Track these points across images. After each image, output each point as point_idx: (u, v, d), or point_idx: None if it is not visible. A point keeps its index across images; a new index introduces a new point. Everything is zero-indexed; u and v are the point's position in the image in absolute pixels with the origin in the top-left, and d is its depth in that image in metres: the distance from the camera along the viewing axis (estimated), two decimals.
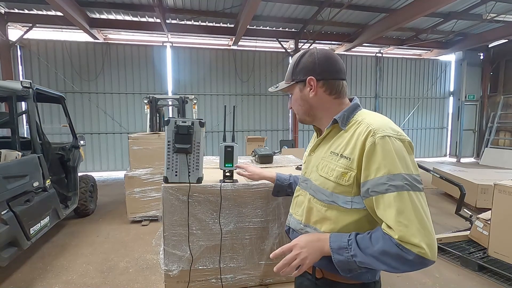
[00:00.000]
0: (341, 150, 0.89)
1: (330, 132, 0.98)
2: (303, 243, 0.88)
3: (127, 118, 8.62)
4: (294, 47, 9.24)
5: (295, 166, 1.94)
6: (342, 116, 0.94)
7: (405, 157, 0.80)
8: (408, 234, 0.73)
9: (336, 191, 0.89)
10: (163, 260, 1.44)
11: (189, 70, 8.94)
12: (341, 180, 0.87)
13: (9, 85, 3.14)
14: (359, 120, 0.91)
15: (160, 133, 4.65)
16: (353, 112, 0.95)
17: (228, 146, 1.45)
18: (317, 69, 0.95)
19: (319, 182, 0.95)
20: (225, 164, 1.47)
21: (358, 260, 0.80)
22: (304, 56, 0.99)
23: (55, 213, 3.52)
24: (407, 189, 0.76)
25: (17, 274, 3.00)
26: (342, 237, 0.85)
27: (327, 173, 0.92)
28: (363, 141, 0.83)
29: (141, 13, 7.39)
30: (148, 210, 4.30)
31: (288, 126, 10.07)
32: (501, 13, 7.44)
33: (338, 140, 0.93)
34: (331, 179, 0.90)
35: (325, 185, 0.92)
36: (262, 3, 6.87)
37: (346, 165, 0.86)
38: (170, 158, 1.40)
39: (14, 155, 2.98)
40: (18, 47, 7.76)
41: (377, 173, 0.79)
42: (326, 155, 0.95)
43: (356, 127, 0.89)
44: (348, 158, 0.86)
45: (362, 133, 0.85)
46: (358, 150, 0.83)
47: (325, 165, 0.93)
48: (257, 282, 1.55)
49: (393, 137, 0.81)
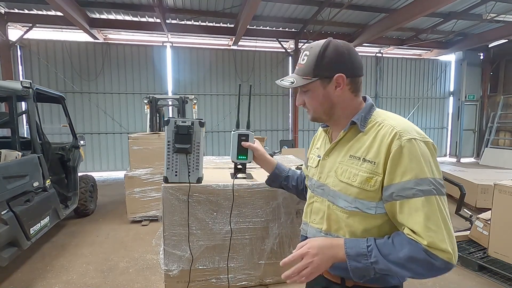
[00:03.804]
0: (363, 153, 0.85)
1: (346, 135, 0.93)
2: (315, 250, 0.83)
3: (127, 118, 8.62)
4: (294, 47, 9.24)
5: (294, 166, 1.94)
6: (360, 118, 0.89)
7: (430, 160, 0.78)
8: (437, 240, 0.72)
9: (360, 196, 0.84)
10: (163, 260, 1.44)
11: (189, 70, 8.94)
12: (366, 185, 0.83)
13: (9, 85, 3.14)
14: (378, 121, 0.87)
15: (160, 133, 4.65)
16: (369, 112, 0.91)
17: (242, 134, 1.24)
18: (347, 65, 0.89)
19: (340, 187, 0.90)
20: (238, 156, 1.26)
21: (380, 267, 0.77)
22: (328, 49, 0.89)
23: (55, 213, 3.52)
24: (434, 194, 0.75)
25: (17, 274, 3.00)
26: (359, 243, 0.81)
27: (349, 179, 0.87)
28: (388, 144, 0.80)
29: (141, 13, 7.39)
30: (148, 210, 4.30)
31: (288, 126, 10.07)
32: (501, 13, 7.44)
33: (357, 143, 0.88)
34: (354, 184, 0.85)
35: (347, 191, 0.87)
36: (262, 3, 6.87)
37: (371, 170, 0.82)
38: (170, 158, 1.40)
39: (14, 155, 2.98)
40: (18, 47, 7.76)
41: (403, 177, 0.76)
42: (345, 159, 0.90)
43: (377, 129, 0.85)
44: (373, 162, 0.82)
45: (386, 135, 0.81)
46: (384, 154, 0.80)
47: (346, 170, 0.88)
48: (257, 282, 1.55)
49: (418, 139, 0.79)
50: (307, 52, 0.92)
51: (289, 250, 1.52)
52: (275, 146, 9.52)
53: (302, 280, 0.84)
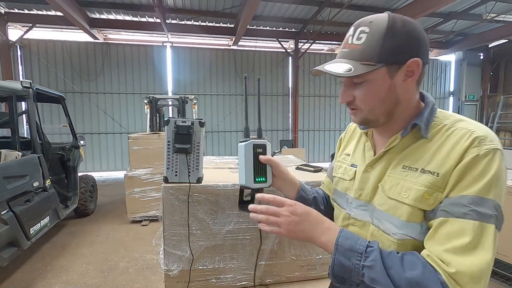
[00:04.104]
0: (423, 163, 0.65)
1: (401, 141, 0.72)
2: (299, 212, 0.71)
3: (127, 118, 8.63)
4: (294, 47, 9.25)
5: (295, 166, 1.94)
6: (423, 120, 0.69)
7: (503, 181, 0.60)
8: (466, 278, 0.55)
9: (412, 219, 0.65)
10: (163, 260, 1.44)
11: (189, 70, 8.94)
12: (423, 203, 0.63)
13: (9, 85, 3.15)
14: (446, 124, 0.68)
15: (160, 133, 4.65)
16: (432, 113, 0.71)
17: (258, 145, 0.85)
18: (421, 46, 0.67)
19: (387, 207, 0.70)
20: (256, 179, 0.86)
21: (371, 276, 0.62)
22: (397, 25, 0.66)
23: (55, 213, 3.52)
24: (494, 223, 0.57)
25: (17, 274, 3.00)
26: (357, 238, 0.67)
27: (399, 194, 0.67)
28: (463, 151, 0.61)
29: (141, 13, 7.39)
30: (148, 210, 4.30)
31: (288, 126, 10.07)
32: (501, 13, 7.44)
33: (416, 151, 0.68)
34: (406, 201, 0.65)
35: (396, 211, 0.67)
36: (262, 3, 6.87)
37: (431, 183, 0.62)
38: (170, 158, 1.40)
39: (14, 155, 2.98)
40: (18, 47, 7.76)
41: (462, 190, 0.59)
42: (396, 171, 0.70)
43: (445, 133, 0.66)
44: (435, 173, 0.63)
45: (462, 141, 0.62)
46: (453, 162, 0.61)
47: (396, 184, 0.68)
48: (257, 282, 1.55)
49: (500, 151, 0.61)
50: (365, 28, 0.67)
51: (289, 250, 1.52)
52: (275, 146, 9.53)
53: (263, 228, 0.76)
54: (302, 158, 3.86)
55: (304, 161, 2.21)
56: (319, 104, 10.19)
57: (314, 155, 10.41)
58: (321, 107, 10.22)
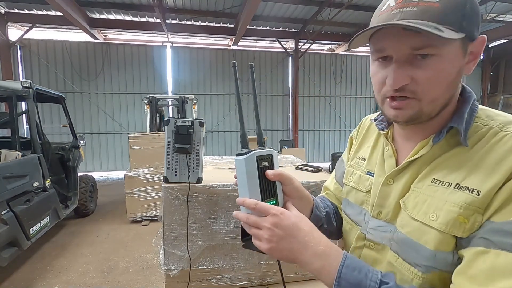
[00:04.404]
0: (459, 177, 0.50)
1: (432, 148, 0.56)
2: (285, 224, 0.54)
3: (127, 118, 8.63)
4: (294, 47, 9.25)
5: (295, 166, 1.94)
6: (463, 122, 0.53)
7: None
8: None
9: (442, 247, 0.50)
10: (163, 260, 1.44)
11: (189, 70, 8.94)
12: (456, 228, 0.48)
13: (9, 85, 3.15)
14: (493, 127, 0.52)
15: (160, 133, 4.65)
16: (473, 112, 0.55)
17: (262, 157, 0.62)
18: (479, 23, 0.52)
19: (410, 229, 0.55)
20: (271, 200, 0.62)
21: None
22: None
23: (55, 213, 3.52)
24: None
25: (17, 274, 3.00)
26: (367, 271, 0.51)
27: (425, 214, 0.52)
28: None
29: (141, 13, 7.39)
30: (148, 210, 4.30)
31: (288, 126, 10.07)
32: (501, 13, 7.44)
33: (450, 161, 0.53)
34: (434, 225, 0.50)
35: (421, 236, 0.52)
36: (262, 3, 6.87)
37: (470, 203, 0.48)
38: (170, 158, 1.40)
39: (14, 155, 2.98)
40: (18, 47, 7.76)
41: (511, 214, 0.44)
42: (423, 184, 0.55)
43: (492, 139, 0.51)
44: (475, 191, 0.48)
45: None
46: (500, 177, 0.46)
47: (423, 201, 0.54)
48: (257, 282, 1.55)
49: None
50: None
51: None
52: (275, 146, 9.53)
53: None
54: (302, 158, 3.86)
55: (304, 161, 2.21)
56: (319, 104, 10.19)
57: (314, 155, 10.42)
58: (321, 107, 10.22)
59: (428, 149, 0.56)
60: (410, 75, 0.50)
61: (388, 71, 0.52)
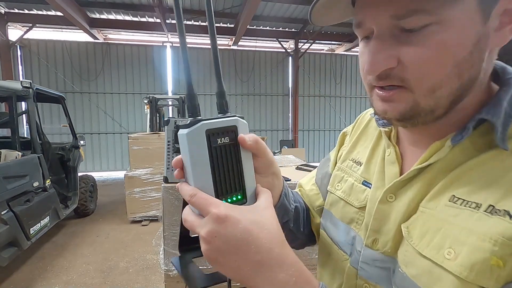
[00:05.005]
0: (493, 196, 0.33)
1: (451, 151, 0.38)
2: (227, 235, 0.32)
3: (127, 118, 8.63)
4: (294, 47, 9.25)
5: (295, 166, 1.94)
6: (500, 113, 0.36)
7: None
8: None
9: None
10: (163, 260, 1.44)
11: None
12: (485, 275, 0.30)
13: (9, 85, 3.15)
14: None
15: (160, 133, 4.65)
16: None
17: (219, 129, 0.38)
18: None
19: (416, 271, 0.37)
20: (224, 199, 0.37)
21: None
22: None
23: (55, 213, 3.52)
24: None
25: (17, 274, 3.00)
26: None
27: (439, 250, 0.34)
28: None
29: (141, 13, 7.39)
30: (148, 210, 4.30)
31: (288, 126, 10.07)
32: None
33: (478, 171, 0.36)
34: (451, 268, 0.33)
35: (432, 282, 0.34)
36: (262, 3, 6.86)
37: (510, 237, 0.30)
38: (170, 158, 1.40)
39: (14, 155, 2.98)
40: (18, 47, 7.77)
41: None
42: (438, 204, 0.37)
43: None
44: None
45: None
46: None
47: (436, 229, 0.36)
48: None
49: None
50: None
51: None
52: (275, 146, 9.52)
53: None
54: (302, 158, 3.86)
55: (304, 161, 2.22)
56: (319, 104, 10.20)
57: (314, 155, 10.42)
58: (321, 107, 10.22)
59: (446, 152, 0.38)
60: (395, 55, 0.35)
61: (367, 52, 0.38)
